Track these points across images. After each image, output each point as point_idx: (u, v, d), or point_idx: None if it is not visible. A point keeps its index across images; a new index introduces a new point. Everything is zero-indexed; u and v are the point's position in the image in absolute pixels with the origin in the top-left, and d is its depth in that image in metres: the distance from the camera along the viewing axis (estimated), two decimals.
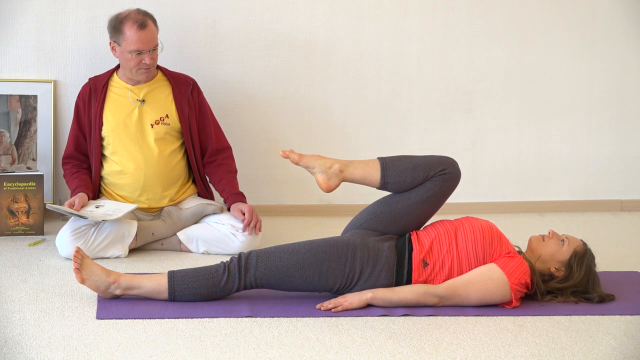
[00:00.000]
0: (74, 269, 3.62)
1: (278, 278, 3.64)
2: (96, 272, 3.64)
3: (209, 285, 3.64)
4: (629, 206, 5.40)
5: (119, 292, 3.65)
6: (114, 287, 3.64)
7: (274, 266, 3.64)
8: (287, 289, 3.68)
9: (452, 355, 3.25)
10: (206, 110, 4.61)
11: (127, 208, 4.32)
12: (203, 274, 3.65)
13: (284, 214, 5.12)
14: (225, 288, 3.65)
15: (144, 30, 4.34)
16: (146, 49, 4.36)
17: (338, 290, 3.68)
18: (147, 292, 3.65)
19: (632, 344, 3.38)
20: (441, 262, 3.69)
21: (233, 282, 3.64)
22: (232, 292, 3.67)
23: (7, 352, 3.17)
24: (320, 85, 5.09)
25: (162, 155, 4.47)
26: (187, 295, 3.64)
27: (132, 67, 4.40)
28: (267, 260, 3.64)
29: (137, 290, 3.65)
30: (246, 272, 3.64)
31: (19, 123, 4.83)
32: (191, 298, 3.65)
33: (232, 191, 4.50)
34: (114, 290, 3.64)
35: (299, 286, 3.66)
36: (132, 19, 4.35)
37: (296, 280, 3.64)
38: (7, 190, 4.55)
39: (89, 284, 3.64)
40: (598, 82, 5.29)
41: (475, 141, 5.26)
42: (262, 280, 3.64)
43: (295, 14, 5.00)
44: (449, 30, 5.14)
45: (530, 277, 3.69)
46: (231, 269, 3.64)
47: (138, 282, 3.65)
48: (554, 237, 3.80)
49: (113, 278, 3.64)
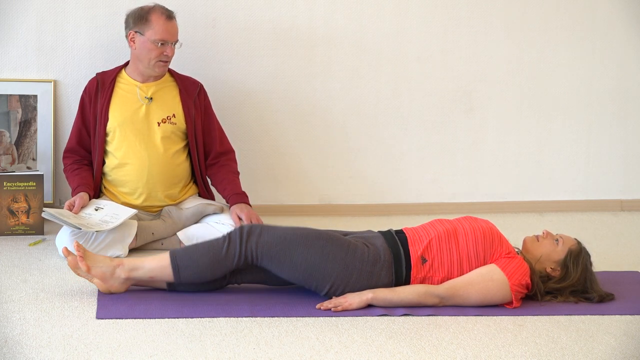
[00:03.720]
0: (78, 258, 3.64)
1: (280, 249, 3.62)
2: (99, 259, 3.70)
3: (210, 255, 3.65)
4: (629, 206, 5.40)
5: (124, 274, 3.67)
6: (119, 271, 3.67)
7: (278, 236, 3.64)
8: (284, 269, 3.64)
9: (452, 355, 3.25)
10: (211, 114, 4.63)
11: (124, 214, 4.31)
12: (204, 244, 3.70)
13: (284, 214, 5.12)
14: (227, 257, 3.64)
15: (170, 22, 4.43)
16: (171, 40, 4.42)
17: (331, 288, 3.65)
18: (151, 270, 3.68)
19: (632, 343, 3.38)
20: (440, 260, 3.69)
21: (234, 250, 3.63)
22: (233, 264, 3.65)
23: (7, 352, 3.17)
24: (320, 85, 5.09)
25: (167, 154, 4.48)
26: (190, 268, 3.65)
27: (152, 57, 4.42)
28: (272, 230, 3.66)
29: (141, 271, 3.68)
30: (248, 239, 3.63)
31: (19, 123, 4.83)
32: (194, 271, 3.66)
33: (234, 191, 4.50)
34: (120, 274, 3.67)
35: (298, 266, 3.62)
36: (159, 10, 4.44)
37: (297, 256, 3.61)
38: (7, 190, 4.55)
39: (95, 272, 3.66)
40: (598, 82, 5.29)
41: (475, 141, 5.26)
42: (262, 250, 3.62)
43: (295, 13, 5.00)
44: (449, 30, 5.14)
45: (530, 277, 3.69)
46: (232, 237, 3.66)
47: (141, 262, 3.70)
48: (548, 237, 3.80)
49: (116, 262, 3.70)
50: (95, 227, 4.19)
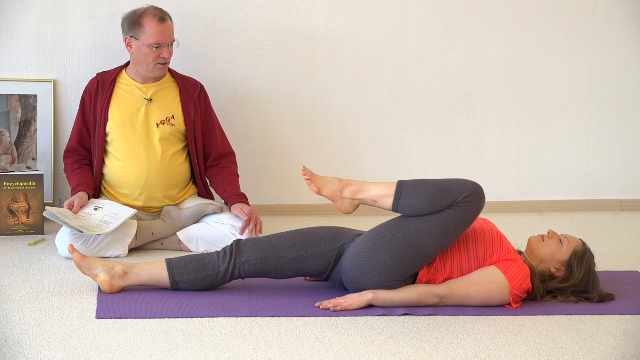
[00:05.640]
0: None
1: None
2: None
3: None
4: (629, 206, 5.40)
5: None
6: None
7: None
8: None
9: (452, 355, 3.25)
10: (212, 116, 4.62)
11: (125, 214, 4.31)
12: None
13: (283, 214, 5.12)
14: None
15: (163, 24, 4.39)
16: (165, 43, 4.40)
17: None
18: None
19: (632, 343, 3.38)
20: (441, 260, 3.69)
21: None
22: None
23: (7, 351, 3.17)
24: (321, 85, 5.09)
25: (166, 156, 4.48)
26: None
27: (149, 62, 4.41)
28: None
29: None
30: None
31: (19, 123, 4.83)
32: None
33: (234, 192, 4.50)
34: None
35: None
36: (151, 13, 4.39)
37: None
38: (7, 190, 4.55)
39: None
40: (598, 82, 5.29)
41: (475, 141, 5.26)
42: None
43: (295, 13, 5.00)
44: (449, 30, 5.14)
45: (530, 280, 3.68)
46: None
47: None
48: (553, 237, 3.80)
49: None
50: (96, 230, 4.19)
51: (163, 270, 3.73)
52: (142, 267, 3.76)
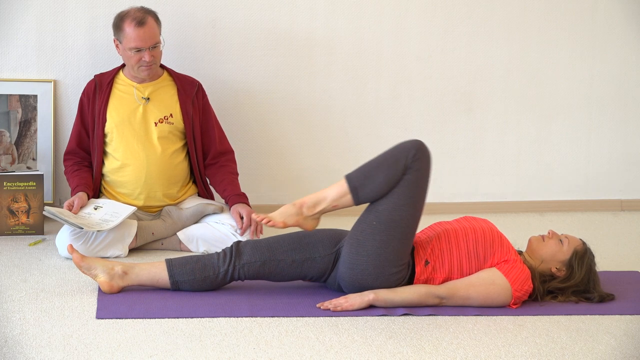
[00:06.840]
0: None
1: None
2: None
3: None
4: (629, 206, 5.40)
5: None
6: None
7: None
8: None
9: (452, 355, 3.25)
10: (210, 113, 4.62)
11: (124, 212, 4.31)
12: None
13: None
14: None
15: (142, 28, 4.34)
16: (145, 47, 4.37)
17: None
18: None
19: (632, 343, 3.38)
20: (441, 260, 3.69)
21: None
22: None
23: (7, 351, 3.17)
24: (320, 85, 5.09)
25: (165, 154, 4.47)
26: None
27: (133, 64, 4.41)
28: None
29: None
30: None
31: (19, 123, 4.83)
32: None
33: (233, 192, 4.49)
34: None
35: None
36: (131, 17, 4.36)
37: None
38: (7, 190, 4.55)
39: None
40: (598, 82, 5.29)
41: (475, 141, 5.26)
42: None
43: (295, 13, 5.00)
44: (449, 30, 5.14)
45: (531, 281, 3.69)
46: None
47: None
48: (553, 237, 3.80)
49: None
50: (96, 227, 4.20)
51: (163, 271, 3.73)
52: (142, 267, 3.76)
